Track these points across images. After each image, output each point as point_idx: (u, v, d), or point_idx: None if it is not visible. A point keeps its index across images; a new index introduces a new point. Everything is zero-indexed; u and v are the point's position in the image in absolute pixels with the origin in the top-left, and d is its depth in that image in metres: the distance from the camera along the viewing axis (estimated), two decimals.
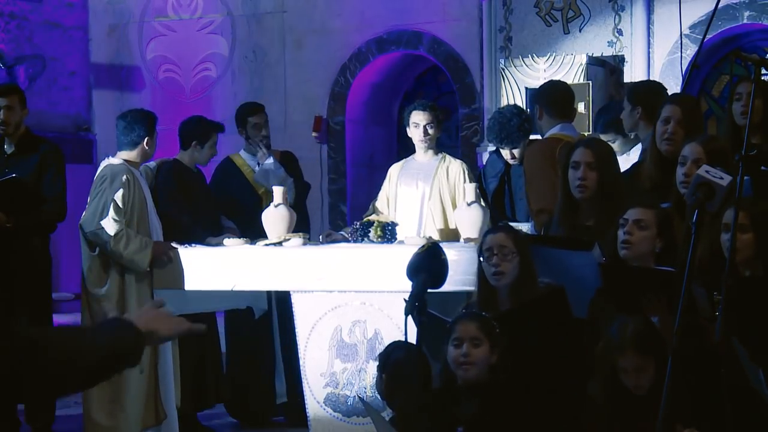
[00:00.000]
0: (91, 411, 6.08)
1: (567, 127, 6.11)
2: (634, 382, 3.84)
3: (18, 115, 6.70)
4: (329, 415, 5.88)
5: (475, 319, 4.14)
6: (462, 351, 4.06)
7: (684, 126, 4.84)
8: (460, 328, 4.10)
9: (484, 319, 4.15)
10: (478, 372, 4.06)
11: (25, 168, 6.61)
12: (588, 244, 4.56)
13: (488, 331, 4.09)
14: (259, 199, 7.13)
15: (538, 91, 6.32)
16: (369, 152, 9.73)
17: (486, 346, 4.06)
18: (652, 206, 4.38)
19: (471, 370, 4.06)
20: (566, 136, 5.94)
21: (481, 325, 4.09)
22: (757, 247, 3.96)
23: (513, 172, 6.66)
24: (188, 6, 9.95)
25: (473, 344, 4.06)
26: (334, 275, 5.81)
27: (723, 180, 3.64)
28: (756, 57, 4.06)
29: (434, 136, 6.57)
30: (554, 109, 6.10)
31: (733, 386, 3.50)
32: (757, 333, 3.71)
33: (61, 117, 9.92)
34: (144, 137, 6.20)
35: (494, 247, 4.51)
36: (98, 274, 6.14)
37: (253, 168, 7.19)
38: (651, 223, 4.30)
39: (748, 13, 7.84)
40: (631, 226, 4.30)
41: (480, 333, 4.07)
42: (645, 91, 5.85)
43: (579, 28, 8.17)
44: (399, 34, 9.22)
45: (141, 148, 6.20)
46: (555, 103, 6.13)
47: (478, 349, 4.06)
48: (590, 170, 4.79)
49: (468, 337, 4.07)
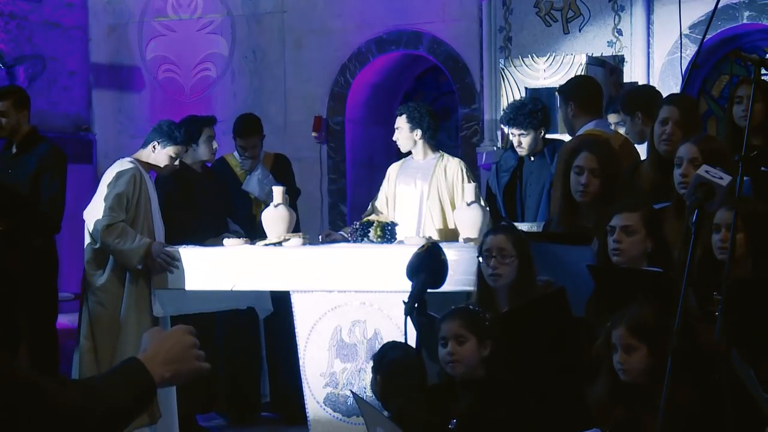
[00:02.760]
0: None
1: (601, 123, 6.05)
2: (623, 362, 3.84)
3: (14, 119, 6.71)
4: (329, 415, 5.88)
5: (458, 316, 4.12)
6: (447, 349, 4.06)
7: (682, 127, 4.84)
8: (444, 326, 4.10)
9: (468, 314, 4.12)
10: (465, 368, 4.06)
11: (26, 168, 6.63)
12: (587, 239, 4.56)
13: (473, 326, 4.07)
14: (249, 201, 7.17)
15: (569, 88, 6.20)
16: (369, 152, 9.73)
17: (472, 341, 4.05)
18: (636, 208, 4.36)
19: (458, 367, 4.06)
20: (602, 132, 5.86)
21: (464, 322, 4.08)
22: (748, 247, 3.97)
23: (525, 169, 6.66)
24: (188, 6, 9.94)
25: (458, 342, 4.05)
26: (333, 275, 5.80)
27: (723, 180, 3.64)
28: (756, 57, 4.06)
29: (403, 139, 6.58)
30: (588, 105, 6.01)
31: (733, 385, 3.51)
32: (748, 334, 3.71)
33: (61, 117, 9.92)
34: (152, 141, 6.23)
35: (493, 249, 4.51)
36: (97, 267, 6.15)
37: (243, 166, 7.23)
38: (638, 227, 4.29)
39: (748, 13, 7.84)
40: (619, 233, 4.30)
41: (463, 330, 4.06)
42: (639, 96, 5.87)
43: (579, 28, 8.17)
44: (399, 34, 9.22)
45: (148, 151, 6.24)
46: (589, 98, 6.04)
47: (464, 346, 4.05)
48: (593, 177, 4.79)
49: (452, 335, 4.07)
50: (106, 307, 6.10)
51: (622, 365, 3.85)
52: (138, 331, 5.98)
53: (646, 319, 3.86)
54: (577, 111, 6.01)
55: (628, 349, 3.84)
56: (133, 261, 6.02)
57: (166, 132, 6.24)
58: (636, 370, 3.84)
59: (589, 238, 4.58)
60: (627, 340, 3.83)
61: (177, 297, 6.17)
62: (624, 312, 3.90)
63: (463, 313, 4.15)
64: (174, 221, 6.50)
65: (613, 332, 3.88)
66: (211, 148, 6.87)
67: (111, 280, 6.12)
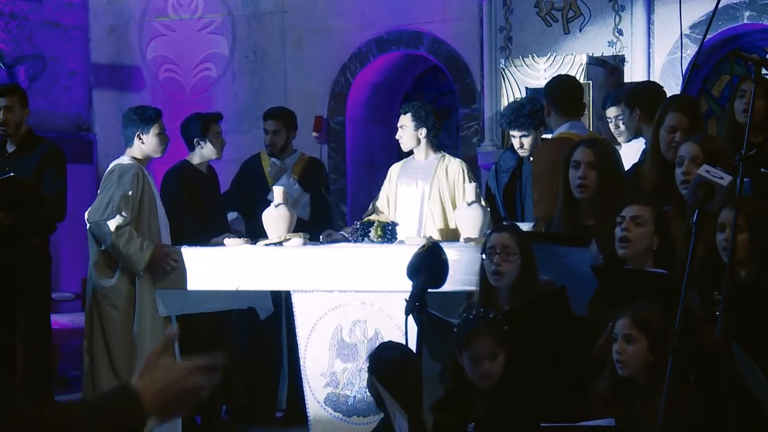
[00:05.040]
0: None
1: (576, 125, 5.89)
2: (621, 352, 3.85)
3: (18, 115, 6.70)
4: (329, 414, 5.87)
5: (489, 331, 4.09)
6: (483, 369, 4.04)
7: (691, 135, 4.80)
8: (476, 344, 4.07)
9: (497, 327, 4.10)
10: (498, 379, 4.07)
11: (26, 168, 6.60)
12: (585, 241, 4.56)
13: (503, 339, 4.08)
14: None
15: (546, 88, 6.15)
16: (369, 152, 9.73)
17: (502, 356, 4.06)
18: (648, 203, 4.38)
19: (490, 381, 4.07)
20: (575, 135, 5.72)
21: (495, 339, 4.06)
22: (752, 246, 3.97)
23: (525, 169, 6.65)
24: (188, 6, 9.94)
25: (492, 359, 4.05)
26: (334, 275, 5.80)
27: (723, 180, 3.64)
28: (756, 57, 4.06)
29: (407, 137, 6.58)
30: (561, 106, 5.89)
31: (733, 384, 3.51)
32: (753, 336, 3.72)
33: (62, 117, 9.92)
34: (135, 132, 6.21)
35: (497, 246, 4.52)
36: (105, 269, 6.12)
37: (270, 173, 7.21)
38: (648, 220, 4.30)
39: (749, 13, 7.84)
40: (628, 223, 4.30)
41: (496, 347, 4.06)
42: (642, 93, 5.83)
43: (579, 28, 8.16)
44: (399, 33, 9.22)
45: (137, 143, 6.21)
46: (562, 100, 5.92)
47: (496, 362, 4.06)
48: (591, 170, 4.79)
49: (488, 353, 4.05)
50: (119, 309, 6.07)
51: (620, 355, 3.86)
52: (152, 330, 5.99)
53: (651, 315, 3.87)
54: (552, 112, 5.94)
55: (628, 338, 3.86)
56: (139, 267, 6.01)
57: (139, 118, 6.23)
58: (634, 364, 3.85)
59: (587, 240, 4.58)
60: (628, 330, 3.85)
61: (179, 297, 6.17)
62: (632, 305, 3.91)
63: (493, 326, 4.10)
64: (178, 222, 6.48)
65: (617, 323, 3.89)
66: (219, 145, 6.83)
67: (122, 281, 6.09)
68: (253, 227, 6.85)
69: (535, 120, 6.49)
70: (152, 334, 6.03)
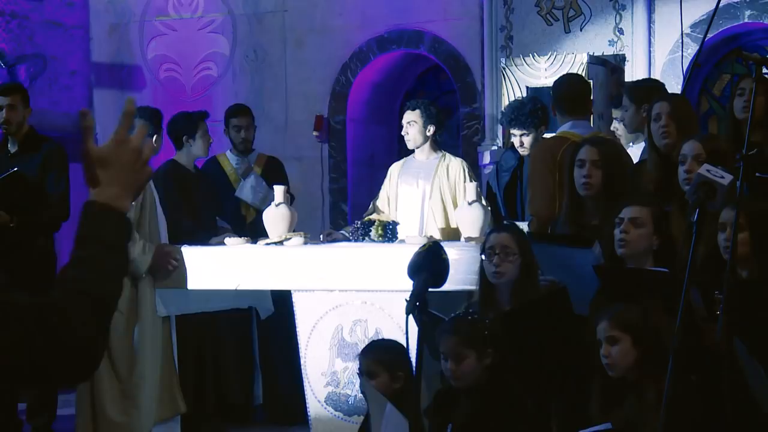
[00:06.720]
0: (105, 408, 6.01)
1: (578, 125, 5.75)
2: (607, 355, 3.86)
3: (21, 114, 6.70)
4: (330, 414, 5.88)
5: (455, 331, 4.09)
6: (447, 366, 4.06)
7: (675, 119, 4.82)
8: (442, 343, 4.08)
9: (465, 328, 4.09)
10: (467, 382, 4.05)
11: (29, 167, 6.61)
12: (589, 242, 4.56)
13: (472, 340, 4.04)
14: (238, 203, 7.17)
15: (553, 86, 6.08)
16: (370, 151, 9.73)
17: (471, 357, 4.03)
18: (647, 204, 4.38)
19: (459, 382, 4.06)
20: (574, 134, 5.60)
21: (461, 339, 4.05)
22: (753, 246, 3.97)
23: (526, 168, 6.64)
24: (189, 5, 9.94)
25: (456, 360, 4.04)
26: (335, 274, 5.80)
27: (724, 179, 3.64)
28: (757, 56, 4.06)
29: (416, 134, 6.56)
30: (565, 106, 5.80)
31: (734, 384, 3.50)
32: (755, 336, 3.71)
33: (62, 116, 9.91)
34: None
35: (497, 246, 4.51)
36: None
37: (237, 171, 7.23)
38: (647, 221, 4.30)
39: (749, 12, 7.84)
40: (626, 224, 4.30)
41: (461, 347, 4.04)
42: (648, 90, 5.80)
43: (580, 27, 8.17)
44: (400, 33, 9.21)
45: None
46: (564, 98, 5.83)
47: (463, 363, 4.04)
48: (595, 168, 4.79)
49: (451, 353, 4.06)
50: (120, 311, 6.06)
51: (606, 358, 3.89)
52: (152, 331, 5.99)
53: (629, 314, 3.90)
54: (555, 110, 5.90)
55: (611, 340, 3.88)
56: (141, 269, 6.00)
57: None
58: (621, 363, 3.87)
59: (590, 240, 4.57)
60: (609, 332, 3.88)
61: (179, 296, 6.17)
62: (608, 308, 3.94)
63: (460, 327, 4.11)
64: (176, 222, 6.48)
65: (598, 328, 3.92)
66: (207, 143, 6.84)
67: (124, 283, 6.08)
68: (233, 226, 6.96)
69: (535, 119, 6.49)
70: (152, 335, 6.03)
